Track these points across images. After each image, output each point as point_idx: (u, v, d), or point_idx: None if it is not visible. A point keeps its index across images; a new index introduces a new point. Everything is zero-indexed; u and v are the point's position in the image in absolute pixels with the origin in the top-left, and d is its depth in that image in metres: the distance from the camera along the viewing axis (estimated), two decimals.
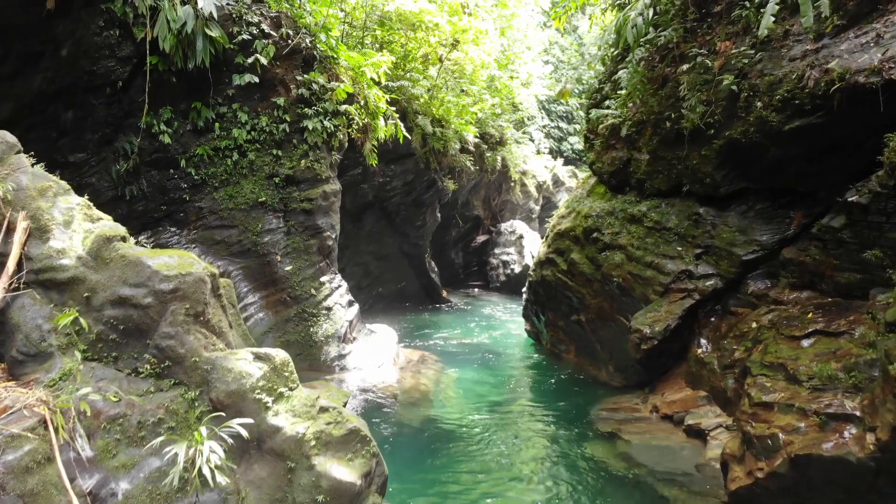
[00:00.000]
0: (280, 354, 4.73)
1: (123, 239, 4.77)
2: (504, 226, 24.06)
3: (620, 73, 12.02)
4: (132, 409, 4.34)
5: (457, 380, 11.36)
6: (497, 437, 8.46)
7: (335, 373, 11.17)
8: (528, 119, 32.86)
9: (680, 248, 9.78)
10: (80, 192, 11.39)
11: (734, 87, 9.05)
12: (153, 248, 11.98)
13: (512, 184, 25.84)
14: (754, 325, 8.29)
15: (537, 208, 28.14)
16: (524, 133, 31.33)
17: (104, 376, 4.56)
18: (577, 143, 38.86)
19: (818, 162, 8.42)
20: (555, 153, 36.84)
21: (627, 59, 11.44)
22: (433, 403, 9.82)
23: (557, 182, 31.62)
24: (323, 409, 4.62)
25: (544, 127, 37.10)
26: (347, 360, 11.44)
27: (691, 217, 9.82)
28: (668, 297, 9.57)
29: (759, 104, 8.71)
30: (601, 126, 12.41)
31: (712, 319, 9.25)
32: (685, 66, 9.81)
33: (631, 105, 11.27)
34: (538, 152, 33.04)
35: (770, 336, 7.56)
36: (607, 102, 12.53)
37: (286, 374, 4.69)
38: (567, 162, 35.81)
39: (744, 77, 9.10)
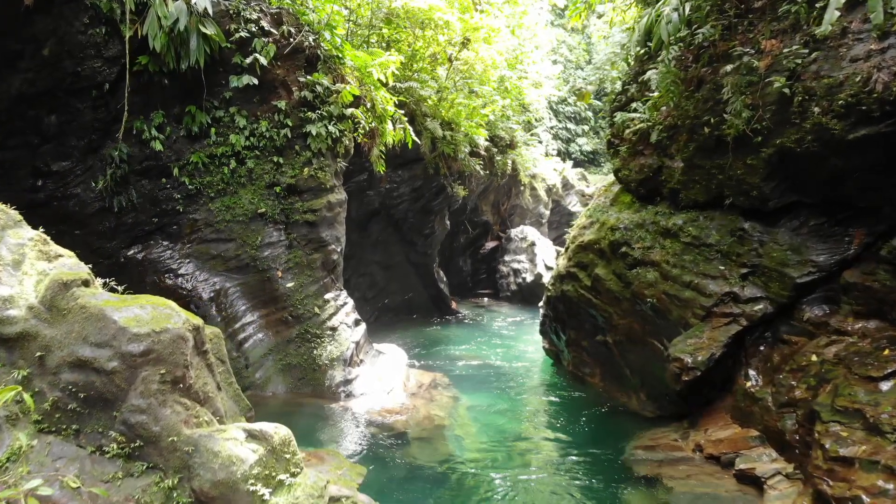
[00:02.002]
0: (280, 432, 3.83)
1: (86, 283, 3.87)
2: (514, 232, 23.11)
3: (649, 73, 11.08)
4: (95, 501, 3.44)
5: (471, 408, 10.44)
6: (520, 485, 7.53)
7: (340, 400, 10.27)
8: (536, 120, 31.92)
9: (723, 268, 8.85)
10: (64, 203, 10.66)
11: (786, 90, 8.13)
12: (142, 262, 11.19)
13: (521, 188, 24.91)
14: (815, 358, 7.37)
15: (547, 213, 27.21)
16: (532, 135, 30.40)
17: (62, 454, 3.67)
18: (585, 144, 37.97)
19: (885, 174, 7.49)
20: (563, 155, 35.91)
21: (659, 59, 10.50)
22: (447, 439, 8.91)
23: (567, 185, 30.68)
24: (334, 500, 3.73)
25: (552, 128, 36.17)
26: (354, 386, 10.53)
27: (735, 232, 8.89)
28: (711, 322, 8.64)
29: (816, 109, 7.78)
30: (627, 131, 11.48)
31: (762, 348, 8.33)
32: (728, 67, 8.86)
33: (664, 108, 10.33)
34: (546, 154, 32.10)
35: (840, 375, 6.64)
36: (634, 105, 11.60)
37: (287, 455, 3.79)
38: (576, 164, 34.88)
39: (797, 79, 8.17)
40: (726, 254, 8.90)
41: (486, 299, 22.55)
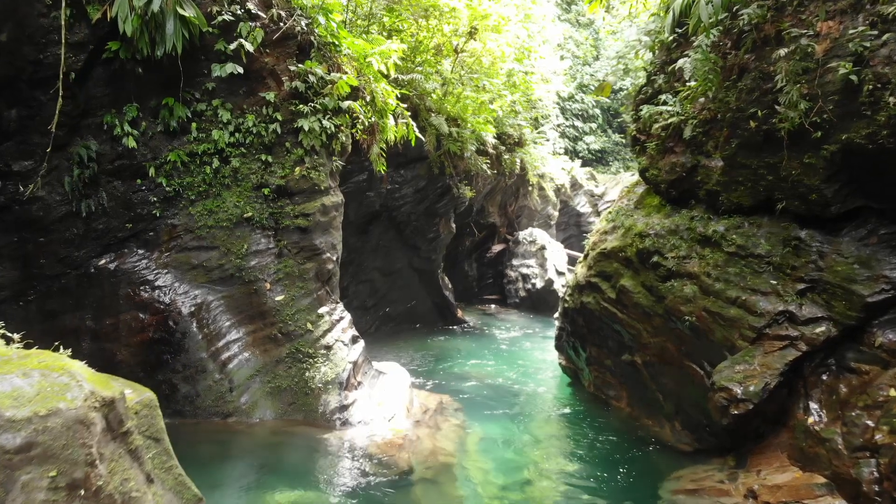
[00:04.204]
0: None
1: None
2: (522, 234, 21.92)
3: (680, 62, 9.92)
4: None
5: (483, 440, 9.28)
6: None
7: (336, 428, 9.13)
8: (543, 118, 30.72)
9: (775, 282, 7.69)
10: (27, 207, 9.48)
11: (853, 78, 6.97)
12: (114, 273, 10.04)
13: (530, 188, 23.73)
14: (894, 393, 6.20)
15: (556, 214, 26.02)
16: (539, 132, 29.21)
17: None
18: (593, 142, 36.78)
19: None
20: (570, 154, 34.70)
21: (695, 44, 9.34)
22: (457, 480, 7.76)
23: (575, 185, 29.52)
24: None
25: (559, 126, 34.94)
26: (351, 412, 9.38)
27: (789, 242, 7.73)
28: (762, 346, 7.48)
29: (892, 100, 6.63)
30: (655, 125, 10.32)
31: (824, 378, 7.17)
32: (782, 51, 7.70)
33: (702, 100, 9.17)
34: (554, 153, 30.89)
35: None
36: (662, 97, 10.44)
37: None
38: (583, 163, 33.67)
39: (865, 65, 7.02)
40: (779, 266, 7.73)
41: (493, 306, 21.35)
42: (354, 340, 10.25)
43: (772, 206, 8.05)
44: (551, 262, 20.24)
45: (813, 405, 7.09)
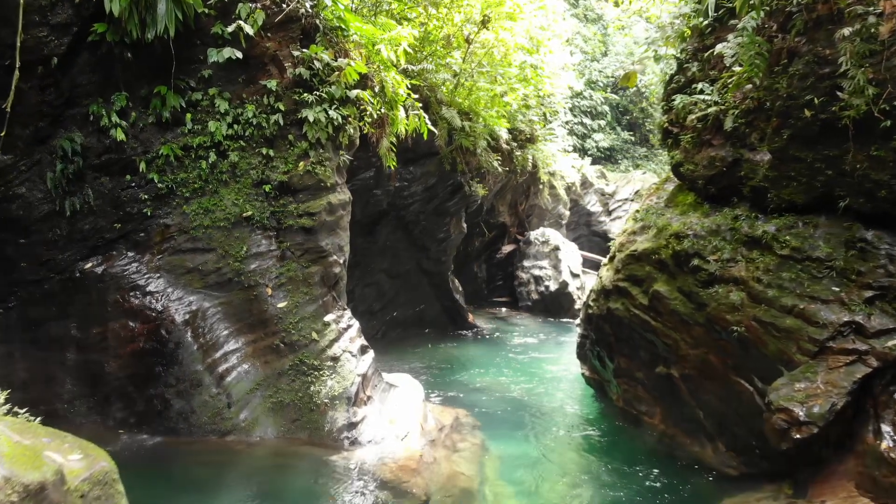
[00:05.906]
0: None
1: None
2: (534, 234, 21.09)
3: (719, 47, 9.08)
4: None
5: (503, 461, 8.46)
6: None
7: (343, 449, 8.32)
8: (552, 114, 29.88)
9: (838, 289, 6.87)
10: (6, 206, 8.67)
11: None
12: (102, 277, 9.27)
13: (541, 186, 22.90)
14: None
15: (567, 213, 25.20)
16: (549, 129, 28.36)
17: None
18: (602, 140, 35.94)
19: None
20: (579, 151, 33.87)
21: (739, 27, 8.50)
22: None
23: (586, 183, 28.70)
24: None
25: (567, 123, 34.08)
26: (361, 431, 8.57)
27: (854, 244, 6.92)
28: (826, 361, 6.66)
29: None
30: (690, 116, 9.51)
31: None
32: (846, 31, 6.86)
33: (748, 87, 8.35)
34: (563, 151, 30.06)
35: None
36: (698, 86, 9.63)
37: None
38: (592, 161, 32.83)
39: None
40: (842, 271, 6.91)
41: (503, 309, 20.52)
42: (363, 351, 9.44)
43: (830, 203, 7.25)
44: (565, 264, 19.41)
45: (886, 428, 6.26)
